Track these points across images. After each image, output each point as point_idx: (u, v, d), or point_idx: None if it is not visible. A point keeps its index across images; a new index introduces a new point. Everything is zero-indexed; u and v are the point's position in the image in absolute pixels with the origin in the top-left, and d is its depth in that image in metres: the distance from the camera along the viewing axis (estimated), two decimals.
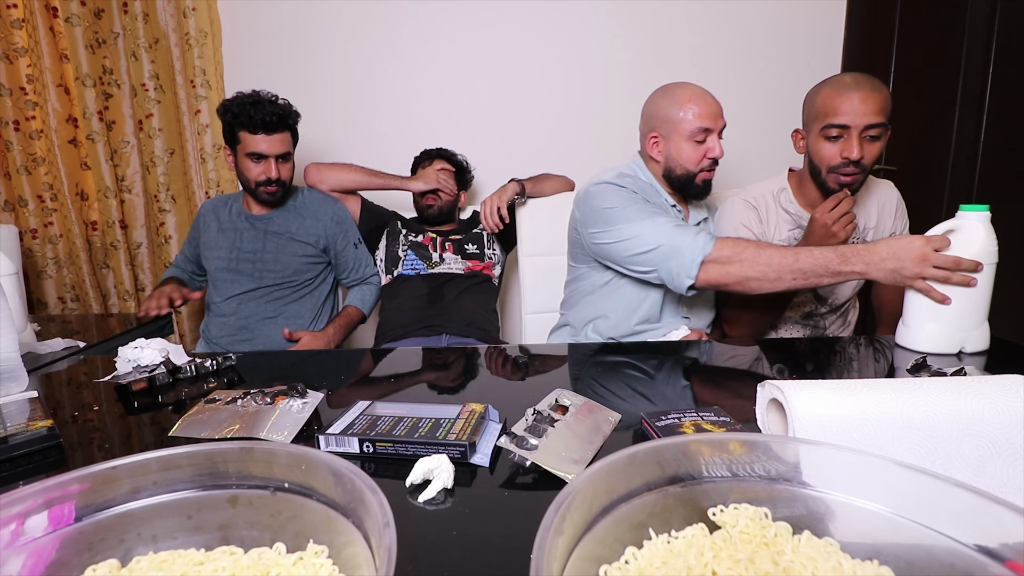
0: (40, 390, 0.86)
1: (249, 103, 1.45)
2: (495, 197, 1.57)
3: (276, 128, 1.47)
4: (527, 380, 0.89)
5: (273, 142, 1.48)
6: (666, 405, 0.75)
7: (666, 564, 0.35)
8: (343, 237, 1.65)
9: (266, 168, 1.49)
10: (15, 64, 1.82)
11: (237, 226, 1.58)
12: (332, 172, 1.67)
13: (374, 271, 1.71)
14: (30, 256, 1.97)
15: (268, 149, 1.48)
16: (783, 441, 0.45)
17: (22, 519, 0.36)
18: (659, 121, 1.28)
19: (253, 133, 1.46)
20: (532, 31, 1.94)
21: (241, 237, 1.58)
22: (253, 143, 1.47)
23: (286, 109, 1.50)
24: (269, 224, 1.58)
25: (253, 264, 1.57)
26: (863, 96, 1.11)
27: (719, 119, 1.25)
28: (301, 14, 1.93)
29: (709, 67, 1.95)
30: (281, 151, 1.50)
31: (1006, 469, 0.49)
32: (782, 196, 1.30)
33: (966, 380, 0.55)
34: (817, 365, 0.93)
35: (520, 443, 0.57)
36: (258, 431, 0.66)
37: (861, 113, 1.11)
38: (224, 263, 1.57)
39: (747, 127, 1.98)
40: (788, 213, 1.29)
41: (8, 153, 1.88)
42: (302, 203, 1.62)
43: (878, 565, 0.35)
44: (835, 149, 1.15)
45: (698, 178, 1.28)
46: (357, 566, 0.35)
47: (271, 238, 1.57)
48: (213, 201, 1.67)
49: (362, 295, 1.68)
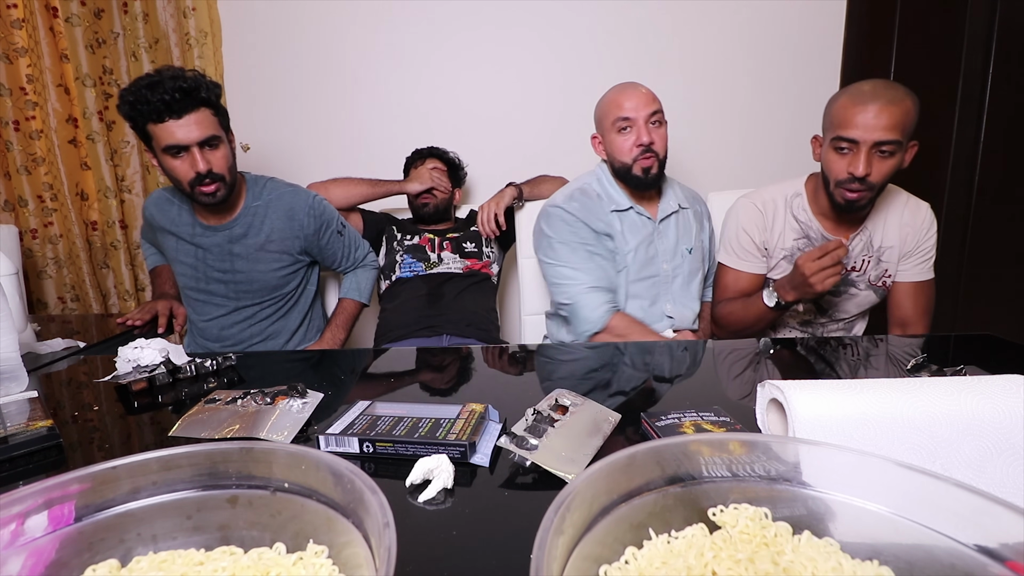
0: (40, 390, 0.86)
1: (145, 86, 1.14)
2: (492, 203, 1.57)
3: (186, 107, 1.15)
4: (527, 380, 0.89)
5: (188, 126, 1.16)
6: (666, 405, 0.75)
7: (666, 564, 0.35)
8: (324, 228, 1.41)
9: (190, 161, 1.19)
10: (15, 64, 1.82)
11: (196, 240, 1.33)
12: (336, 189, 1.62)
13: (366, 250, 1.57)
14: (30, 256, 1.97)
15: (185, 136, 1.17)
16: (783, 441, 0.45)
17: (22, 519, 0.36)
18: (596, 122, 1.35)
19: (159, 121, 1.15)
20: (531, 31, 1.94)
21: (205, 254, 1.33)
22: (165, 134, 1.16)
23: (195, 80, 1.17)
24: (231, 236, 1.32)
25: (225, 284, 1.36)
26: (878, 109, 1.05)
27: (642, 108, 1.25)
28: (301, 14, 1.93)
29: (709, 68, 1.95)
30: (202, 135, 1.18)
31: (1006, 469, 0.49)
32: (795, 202, 1.26)
33: (966, 380, 0.55)
34: (817, 365, 0.93)
35: (520, 443, 0.57)
36: (258, 431, 0.66)
37: (872, 128, 1.05)
38: (192, 281, 1.38)
39: (746, 127, 1.98)
40: (798, 221, 1.25)
41: (8, 153, 1.88)
42: (264, 200, 1.34)
43: (878, 565, 0.35)
44: (843, 163, 1.10)
45: (634, 168, 1.27)
46: (357, 566, 0.35)
47: (238, 258, 1.33)
48: (156, 200, 1.37)
49: (356, 283, 1.53)
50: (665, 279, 1.35)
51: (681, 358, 0.96)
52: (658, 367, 0.91)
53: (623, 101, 1.26)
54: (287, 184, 1.39)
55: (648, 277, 1.33)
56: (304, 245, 1.40)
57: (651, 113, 1.25)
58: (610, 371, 0.89)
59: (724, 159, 2.00)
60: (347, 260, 1.52)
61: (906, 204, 1.25)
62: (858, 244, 1.23)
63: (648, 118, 1.25)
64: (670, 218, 1.36)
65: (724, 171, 2.00)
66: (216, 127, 1.22)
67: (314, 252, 1.44)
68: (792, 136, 1.97)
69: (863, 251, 1.24)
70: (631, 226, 1.33)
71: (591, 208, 1.31)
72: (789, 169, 1.94)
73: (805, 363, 0.93)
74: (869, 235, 1.23)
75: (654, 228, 1.34)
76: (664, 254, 1.35)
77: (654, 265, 1.34)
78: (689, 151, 1.99)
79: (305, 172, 2.01)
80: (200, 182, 1.21)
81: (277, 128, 2.02)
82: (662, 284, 1.35)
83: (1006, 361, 0.89)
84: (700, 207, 1.45)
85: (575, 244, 1.30)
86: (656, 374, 0.88)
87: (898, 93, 1.06)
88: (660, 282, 1.35)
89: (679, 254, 1.36)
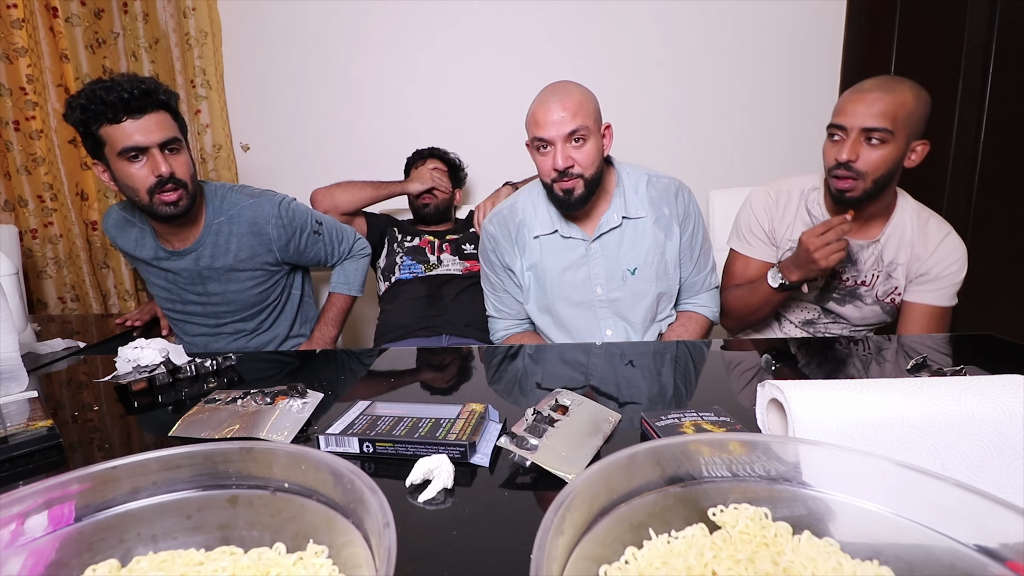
0: (40, 390, 0.86)
1: (100, 87, 1.07)
2: (487, 203, 1.57)
3: (145, 106, 1.08)
4: (527, 380, 0.88)
5: (148, 127, 1.08)
6: (666, 405, 0.75)
7: (666, 564, 0.35)
8: (298, 234, 1.32)
9: (151, 165, 1.09)
10: (15, 64, 1.82)
11: (163, 264, 1.26)
12: (342, 194, 1.61)
13: (352, 241, 1.49)
14: (30, 256, 1.97)
15: (144, 137, 1.08)
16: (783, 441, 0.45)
17: (22, 519, 0.36)
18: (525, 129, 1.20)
19: (115, 122, 1.07)
20: (531, 31, 1.94)
21: (175, 277, 1.27)
22: (121, 136, 1.07)
23: (152, 83, 1.11)
24: (199, 260, 1.24)
25: (202, 306, 1.30)
26: (872, 98, 1.05)
27: (559, 126, 1.10)
28: (301, 14, 1.93)
29: (709, 68, 1.95)
30: (163, 137, 1.10)
31: (1006, 469, 0.49)
32: (811, 196, 1.24)
33: (966, 380, 0.55)
34: (817, 365, 0.93)
35: (520, 443, 0.57)
36: (258, 431, 0.66)
37: (859, 114, 1.06)
38: (169, 304, 1.32)
39: (747, 127, 1.98)
40: (810, 215, 1.23)
41: (8, 153, 1.88)
42: (226, 216, 1.24)
43: (878, 565, 0.35)
44: (833, 150, 1.11)
45: (555, 188, 1.15)
46: (357, 566, 0.35)
47: (210, 280, 1.27)
48: (115, 221, 1.27)
49: (344, 276, 1.47)
50: (602, 303, 1.24)
51: (681, 359, 0.96)
52: (658, 367, 0.91)
53: (540, 117, 1.12)
54: (248, 195, 1.28)
55: (582, 302, 1.25)
56: (279, 256, 1.31)
57: (569, 132, 1.10)
58: (610, 371, 0.89)
59: (724, 158, 2.00)
60: (332, 256, 1.44)
61: (924, 223, 1.19)
62: (869, 258, 1.21)
63: (567, 138, 1.11)
64: (608, 235, 1.21)
65: (724, 170, 2.00)
66: (175, 131, 1.14)
67: (292, 259, 1.35)
68: (792, 135, 1.97)
69: (874, 265, 1.21)
70: (554, 251, 1.24)
71: (513, 226, 1.26)
72: (790, 168, 1.94)
73: (805, 363, 0.93)
74: (881, 248, 1.20)
75: (586, 249, 1.22)
76: (598, 277, 1.23)
77: (586, 289, 1.24)
78: (689, 150, 1.99)
79: (304, 172, 2.02)
80: (161, 188, 1.11)
81: (277, 128, 2.02)
82: (599, 308, 1.25)
83: (1006, 361, 0.89)
84: (674, 208, 1.24)
85: (486, 268, 1.36)
86: (656, 374, 0.88)
87: (899, 85, 1.06)
88: (597, 306, 1.25)
89: (618, 276, 1.22)
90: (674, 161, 1.95)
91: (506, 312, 1.36)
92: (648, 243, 1.22)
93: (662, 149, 1.98)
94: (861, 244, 1.21)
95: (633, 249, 1.22)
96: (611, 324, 1.26)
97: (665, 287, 1.24)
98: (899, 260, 1.20)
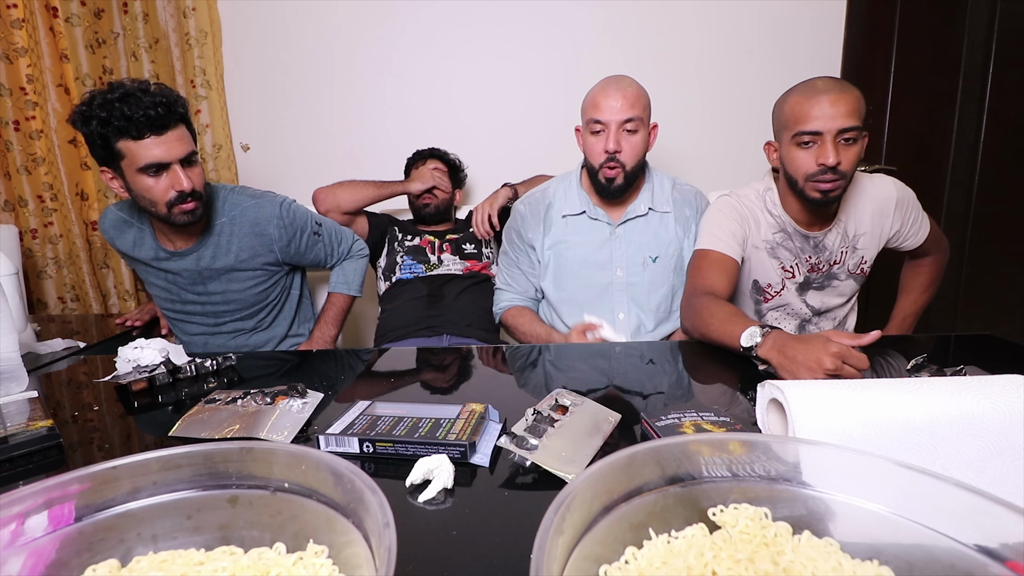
0: (40, 390, 0.86)
1: (118, 99, 1.06)
2: (486, 204, 1.57)
3: (167, 123, 1.09)
4: (527, 380, 0.89)
5: (170, 143, 1.10)
6: (666, 405, 0.75)
7: (666, 564, 0.35)
8: (298, 235, 1.34)
9: (171, 180, 1.11)
10: (15, 64, 1.82)
11: (163, 265, 1.26)
12: (344, 193, 1.62)
13: (351, 242, 1.50)
14: (30, 256, 1.97)
15: (166, 154, 1.09)
16: (783, 441, 0.45)
17: (22, 519, 0.36)
18: (581, 114, 1.29)
19: (138, 138, 1.07)
20: (530, 31, 1.94)
21: (175, 278, 1.28)
22: (144, 152, 1.08)
23: (170, 95, 1.11)
24: (200, 260, 1.25)
25: (201, 306, 1.32)
26: (833, 99, 1.05)
27: (616, 113, 1.19)
28: (301, 14, 1.93)
29: (708, 68, 1.95)
30: (184, 153, 1.12)
31: (1006, 469, 0.49)
32: (767, 196, 1.24)
33: (966, 380, 0.55)
34: None
35: (520, 443, 0.57)
36: (258, 431, 0.66)
37: (832, 116, 1.05)
38: (168, 304, 1.33)
39: (746, 128, 1.98)
40: (772, 215, 1.22)
41: (8, 153, 1.88)
42: (228, 216, 1.26)
43: (878, 565, 0.35)
44: (810, 157, 1.09)
45: (600, 174, 1.23)
46: (357, 566, 0.35)
47: (210, 280, 1.28)
48: (113, 222, 1.28)
49: (344, 275, 1.48)
50: (619, 286, 1.29)
51: (682, 358, 0.96)
52: (658, 367, 0.91)
53: (600, 101, 1.21)
54: (250, 196, 1.29)
55: (600, 283, 1.30)
56: (279, 257, 1.33)
57: (625, 120, 1.19)
58: (610, 371, 0.89)
59: (725, 158, 2.00)
60: (332, 257, 1.46)
61: (871, 184, 1.23)
62: (836, 239, 1.21)
63: (621, 124, 1.20)
64: (634, 222, 1.29)
65: (725, 170, 2.00)
66: (192, 143, 1.16)
67: (293, 260, 1.37)
68: None
69: (841, 243, 1.22)
70: (580, 231, 1.30)
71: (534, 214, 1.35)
72: None
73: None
74: (843, 226, 1.21)
75: (611, 232, 1.29)
76: (619, 260, 1.29)
77: (607, 271, 1.29)
78: (690, 150, 1.99)
79: (304, 172, 2.02)
80: (182, 201, 1.13)
81: (276, 128, 2.02)
82: (616, 291, 1.30)
83: (1006, 361, 0.90)
84: (694, 211, 1.32)
85: (507, 244, 1.44)
86: (656, 374, 0.88)
87: (846, 85, 1.09)
88: (614, 289, 1.30)
89: (640, 262, 1.29)
90: (674, 161, 1.95)
91: (514, 287, 1.43)
92: (670, 236, 1.30)
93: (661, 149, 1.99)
94: (825, 230, 1.21)
95: (656, 239, 1.30)
96: (625, 308, 1.30)
97: (680, 282, 1.30)
98: (861, 229, 1.22)
